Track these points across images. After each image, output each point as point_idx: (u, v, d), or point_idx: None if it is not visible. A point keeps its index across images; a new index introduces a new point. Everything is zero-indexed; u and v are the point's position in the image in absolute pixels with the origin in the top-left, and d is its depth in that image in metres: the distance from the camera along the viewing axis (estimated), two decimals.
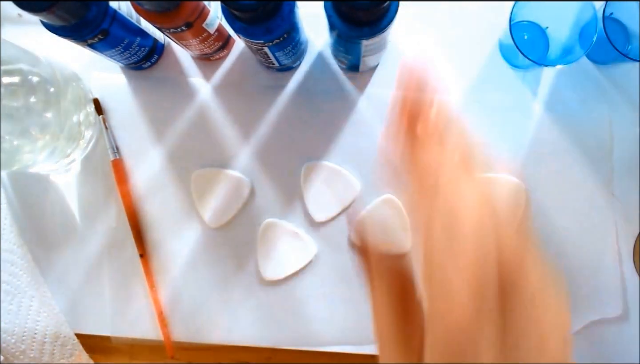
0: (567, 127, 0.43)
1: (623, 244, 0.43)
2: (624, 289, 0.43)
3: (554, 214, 0.43)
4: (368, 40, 0.34)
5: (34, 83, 0.36)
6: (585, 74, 0.43)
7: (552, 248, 0.43)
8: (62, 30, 0.34)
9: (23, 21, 0.45)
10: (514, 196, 0.43)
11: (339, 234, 0.43)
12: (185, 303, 0.44)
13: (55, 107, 0.37)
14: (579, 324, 0.43)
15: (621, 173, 0.43)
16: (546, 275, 0.20)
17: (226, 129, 0.44)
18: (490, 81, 0.44)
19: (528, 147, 0.43)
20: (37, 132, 0.37)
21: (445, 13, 0.44)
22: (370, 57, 0.39)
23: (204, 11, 0.35)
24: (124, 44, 0.38)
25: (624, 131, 0.43)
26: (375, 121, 0.43)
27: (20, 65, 0.36)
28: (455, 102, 0.43)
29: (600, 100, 0.43)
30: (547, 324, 0.20)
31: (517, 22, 0.43)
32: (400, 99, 0.25)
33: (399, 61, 0.26)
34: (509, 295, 0.20)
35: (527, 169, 0.43)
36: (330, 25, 0.33)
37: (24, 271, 0.43)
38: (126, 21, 0.37)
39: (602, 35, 0.37)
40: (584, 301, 0.43)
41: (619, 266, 0.43)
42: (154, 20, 0.34)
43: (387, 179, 0.44)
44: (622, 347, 0.42)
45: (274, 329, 0.43)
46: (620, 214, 0.43)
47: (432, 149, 0.24)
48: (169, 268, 0.44)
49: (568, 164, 0.43)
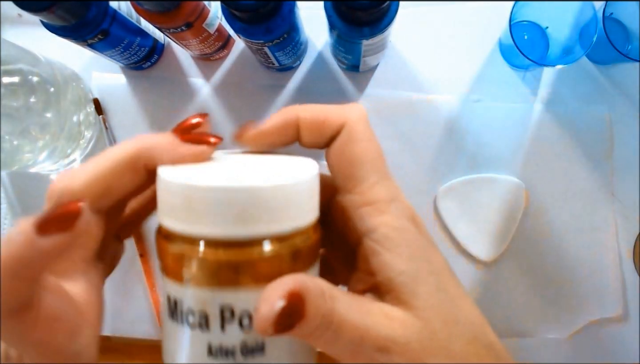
0: (567, 127, 0.43)
1: (623, 244, 0.43)
2: (624, 289, 0.43)
3: (554, 214, 0.43)
4: (368, 40, 0.34)
5: (34, 83, 0.36)
6: (585, 74, 0.43)
7: (551, 248, 0.43)
8: (62, 30, 0.34)
9: (23, 21, 0.45)
10: (513, 195, 0.43)
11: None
12: None
13: (55, 107, 0.37)
14: (578, 324, 0.43)
15: (621, 173, 0.43)
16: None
17: (226, 129, 0.44)
18: (490, 81, 0.44)
19: (528, 147, 0.43)
20: (37, 132, 0.37)
21: (445, 13, 0.44)
22: (371, 57, 0.39)
23: (204, 11, 0.35)
24: (124, 44, 0.38)
25: (624, 130, 0.43)
26: (375, 121, 0.43)
27: (20, 65, 0.36)
28: (455, 102, 0.43)
29: (600, 100, 0.43)
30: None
31: (517, 22, 0.43)
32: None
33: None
34: None
35: (527, 169, 0.43)
36: (331, 25, 0.33)
37: None
38: (126, 21, 0.37)
39: (602, 35, 0.37)
40: (584, 301, 0.43)
41: (618, 266, 0.43)
42: (154, 20, 0.34)
43: None
44: (622, 347, 0.42)
45: None
46: (620, 214, 0.43)
47: None
48: None
49: (568, 164, 0.43)
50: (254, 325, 0.16)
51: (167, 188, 0.16)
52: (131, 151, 0.17)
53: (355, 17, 0.32)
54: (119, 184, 0.17)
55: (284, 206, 0.16)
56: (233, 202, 0.15)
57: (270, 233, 0.16)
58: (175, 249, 0.16)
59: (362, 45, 0.35)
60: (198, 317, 0.16)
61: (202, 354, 0.16)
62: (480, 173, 0.43)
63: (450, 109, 0.43)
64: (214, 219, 0.16)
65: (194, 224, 0.16)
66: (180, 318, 0.16)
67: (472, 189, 0.43)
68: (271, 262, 0.16)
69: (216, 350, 0.16)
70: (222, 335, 0.16)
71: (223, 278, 0.16)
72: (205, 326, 0.16)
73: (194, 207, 0.16)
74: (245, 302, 0.16)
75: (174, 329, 0.17)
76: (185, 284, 0.16)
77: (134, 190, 0.18)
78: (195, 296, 0.16)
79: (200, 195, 0.16)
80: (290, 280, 0.15)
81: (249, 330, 0.16)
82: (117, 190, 0.17)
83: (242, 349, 0.16)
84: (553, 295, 0.43)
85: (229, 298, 0.16)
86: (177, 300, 0.16)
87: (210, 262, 0.16)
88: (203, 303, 0.16)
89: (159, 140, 0.18)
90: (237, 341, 0.16)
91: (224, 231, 0.16)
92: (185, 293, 0.16)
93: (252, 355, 0.16)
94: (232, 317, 0.16)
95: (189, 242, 0.16)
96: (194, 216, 0.16)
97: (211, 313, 0.16)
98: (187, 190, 0.16)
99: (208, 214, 0.16)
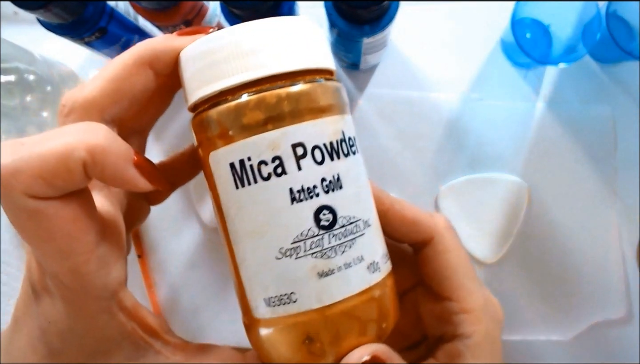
0: (569, 125, 0.43)
1: (626, 245, 0.42)
2: (627, 290, 0.42)
3: (556, 214, 0.43)
4: (369, 38, 0.33)
5: (31, 82, 0.36)
6: (588, 72, 0.43)
7: (554, 248, 0.43)
8: (59, 28, 0.34)
9: (19, 19, 0.45)
10: (515, 195, 0.42)
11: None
12: (184, 304, 0.44)
13: (52, 106, 0.37)
14: (581, 326, 0.42)
15: (624, 172, 0.43)
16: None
17: None
18: (493, 79, 0.43)
19: (530, 146, 0.43)
20: (34, 131, 0.37)
21: (446, 10, 0.44)
22: (371, 55, 0.39)
23: (202, 9, 0.35)
24: (121, 42, 0.38)
25: (627, 129, 0.43)
26: (375, 120, 0.43)
27: (16, 64, 0.36)
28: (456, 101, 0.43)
29: (603, 99, 0.43)
30: None
31: (519, 19, 0.42)
32: None
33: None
34: None
35: (529, 168, 0.43)
36: (331, 24, 0.33)
37: (21, 271, 0.43)
38: (124, 19, 0.37)
39: (606, 33, 0.36)
40: (587, 302, 0.42)
41: (622, 267, 0.42)
42: (152, 18, 0.34)
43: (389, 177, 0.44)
44: (626, 348, 0.42)
45: None
46: (623, 214, 0.43)
47: None
48: (168, 268, 0.44)
49: (570, 163, 0.43)
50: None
51: (198, 56, 0.16)
52: (133, 52, 0.18)
53: (356, 16, 0.31)
54: (128, 86, 0.17)
55: (310, 39, 0.17)
56: (273, 40, 0.16)
57: (317, 65, 0.17)
58: (228, 107, 0.16)
59: (363, 43, 0.34)
60: (272, 164, 0.16)
61: (285, 202, 0.16)
62: (481, 172, 0.43)
63: (451, 107, 0.43)
64: (258, 62, 0.16)
65: (239, 75, 0.16)
66: (253, 177, 0.16)
67: (473, 188, 0.43)
68: (326, 94, 0.16)
69: (299, 192, 0.16)
70: (300, 175, 0.16)
71: (285, 115, 0.16)
72: (282, 170, 0.16)
73: (233, 58, 0.16)
74: (312, 136, 0.16)
75: (246, 195, 0.16)
76: (250, 135, 0.16)
77: (146, 94, 0.18)
78: (263, 141, 0.16)
79: (237, 41, 0.16)
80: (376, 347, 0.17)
81: (323, 164, 0.16)
82: (128, 93, 0.17)
83: (322, 185, 0.16)
84: (555, 296, 0.43)
85: (298, 134, 0.16)
86: (243, 160, 0.16)
87: (271, 102, 0.16)
88: (274, 146, 0.15)
89: (157, 39, 0.18)
90: (316, 177, 0.16)
91: (271, 68, 0.16)
92: (251, 145, 0.16)
93: (333, 191, 0.16)
94: (304, 153, 0.16)
95: (241, 94, 0.16)
96: (236, 66, 0.16)
97: (284, 153, 0.16)
98: (221, 44, 0.16)
99: (250, 59, 0.16)
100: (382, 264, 0.18)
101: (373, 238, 0.18)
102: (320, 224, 0.16)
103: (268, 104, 0.15)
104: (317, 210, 0.16)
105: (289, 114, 0.16)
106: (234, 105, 0.16)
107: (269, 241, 0.16)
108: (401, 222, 0.20)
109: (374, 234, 0.18)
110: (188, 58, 0.17)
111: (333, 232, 0.16)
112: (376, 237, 0.18)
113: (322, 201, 0.16)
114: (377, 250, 0.18)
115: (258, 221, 0.16)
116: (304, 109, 0.16)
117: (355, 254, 0.17)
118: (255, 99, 0.16)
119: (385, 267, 0.18)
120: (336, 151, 0.16)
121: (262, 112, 0.15)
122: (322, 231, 0.16)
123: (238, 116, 0.16)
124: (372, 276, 0.17)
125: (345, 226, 0.16)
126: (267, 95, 0.16)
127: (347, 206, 0.16)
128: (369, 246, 0.17)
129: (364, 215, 0.17)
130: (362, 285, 0.17)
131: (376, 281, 0.17)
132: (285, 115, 0.16)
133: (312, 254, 0.16)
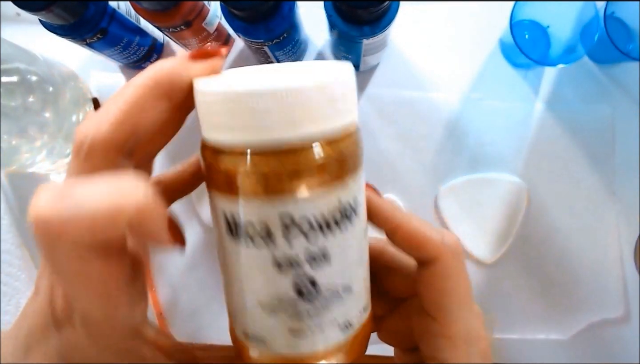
0: (568, 126, 0.43)
1: (624, 245, 0.43)
2: (625, 289, 0.42)
3: (555, 214, 0.43)
4: (369, 39, 0.33)
5: (32, 82, 0.36)
6: (586, 73, 0.43)
7: (553, 248, 0.43)
8: (60, 30, 0.34)
9: (21, 20, 0.45)
10: (515, 195, 0.43)
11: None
12: (185, 304, 0.44)
13: (53, 106, 0.37)
14: (580, 325, 0.42)
15: (623, 173, 0.43)
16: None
17: None
18: (492, 80, 0.43)
19: (529, 147, 0.43)
20: (36, 131, 0.37)
21: (446, 12, 0.44)
22: (371, 56, 0.39)
23: (203, 10, 0.35)
24: (122, 43, 0.38)
25: (625, 130, 0.43)
26: (375, 121, 0.43)
27: (18, 65, 0.36)
28: (456, 101, 0.43)
29: (601, 99, 0.43)
30: None
31: (518, 21, 0.42)
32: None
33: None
34: None
35: (529, 169, 0.43)
36: (331, 25, 0.33)
37: (22, 271, 0.43)
38: (125, 20, 0.37)
39: (604, 34, 0.37)
40: (585, 302, 0.42)
41: (620, 267, 0.42)
42: (152, 19, 0.34)
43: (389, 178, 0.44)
44: (624, 348, 0.42)
45: None
46: (621, 214, 0.43)
47: None
48: (168, 268, 0.44)
49: (569, 164, 0.43)
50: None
51: (210, 99, 0.16)
52: (148, 83, 0.17)
53: (356, 16, 0.31)
54: (145, 119, 0.17)
55: (331, 104, 0.15)
56: (281, 105, 0.15)
57: (321, 134, 0.16)
58: (227, 162, 0.16)
59: (363, 44, 0.34)
60: (259, 228, 0.16)
61: (267, 267, 0.16)
62: (481, 173, 0.43)
63: (451, 108, 0.43)
64: (264, 124, 0.15)
65: (243, 133, 0.15)
66: (242, 235, 0.16)
67: (473, 188, 0.43)
68: (324, 166, 0.16)
69: (281, 261, 0.16)
70: (285, 245, 0.16)
71: (279, 186, 0.15)
72: (267, 237, 0.16)
73: (240, 115, 0.15)
74: (302, 209, 0.16)
75: (234, 246, 0.16)
76: (242, 197, 0.16)
77: (161, 123, 0.18)
78: (254, 207, 0.16)
79: (246, 100, 0.15)
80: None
81: (310, 238, 0.16)
82: (145, 126, 0.17)
83: (307, 258, 0.16)
84: (554, 295, 0.43)
85: (288, 207, 0.15)
86: (235, 215, 0.16)
87: (265, 171, 0.15)
88: (263, 213, 0.16)
89: (172, 65, 0.17)
90: (301, 250, 0.16)
91: (278, 135, 0.15)
92: (243, 206, 0.16)
93: (318, 264, 0.16)
94: (293, 225, 0.16)
95: (240, 153, 0.15)
96: (241, 124, 0.15)
97: (272, 222, 0.16)
98: (232, 97, 0.15)
99: (256, 120, 0.15)
100: (358, 318, 0.18)
101: (352, 301, 0.18)
102: (299, 292, 0.16)
103: (266, 172, 0.15)
104: (298, 280, 0.16)
105: (282, 185, 0.15)
106: (237, 163, 0.16)
107: (250, 291, 0.17)
108: (408, 243, 0.20)
109: (355, 296, 0.18)
110: (208, 93, 0.16)
111: (309, 300, 0.17)
112: (356, 300, 0.18)
113: (305, 271, 0.16)
114: (354, 309, 0.18)
115: (242, 272, 0.17)
116: (299, 181, 0.15)
117: (330, 318, 0.17)
118: (255, 164, 0.15)
119: (360, 320, 0.18)
120: (328, 224, 0.16)
121: (260, 178, 0.15)
122: (300, 298, 0.16)
123: (240, 175, 0.16)
124: (344, 334, 0.18)
125: (324, 294, 0.17)
126: (264, 162, 0.15)
127: (330, 276, 0.17)
128: (345, 309, 0.18)
129: (347, 281, 0.17)
130: (331, 342, 0.17)
131: (346, 338, 0.18)
132: (283, 188, 0.15)
133: (287, 315, 0.17)
